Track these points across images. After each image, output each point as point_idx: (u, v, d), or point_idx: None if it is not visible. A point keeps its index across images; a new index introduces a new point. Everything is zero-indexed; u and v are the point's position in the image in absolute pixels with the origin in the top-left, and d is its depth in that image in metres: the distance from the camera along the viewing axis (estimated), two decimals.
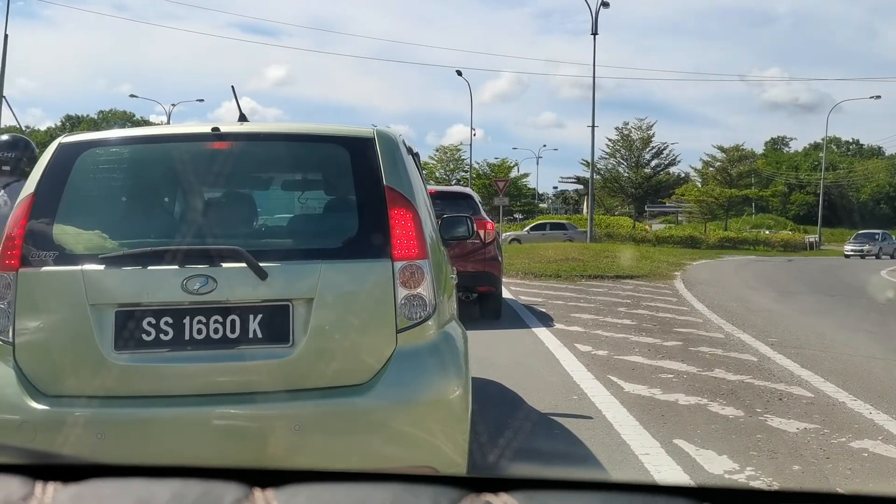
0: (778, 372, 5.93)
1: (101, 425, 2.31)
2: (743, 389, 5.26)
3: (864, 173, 72.83)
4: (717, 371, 5.89)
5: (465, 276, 7.82)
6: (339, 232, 2.65)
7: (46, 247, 2.42)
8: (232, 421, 2.37)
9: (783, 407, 4.77)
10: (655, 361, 6.28)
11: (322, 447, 2.35)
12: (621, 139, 48.94)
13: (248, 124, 2.91)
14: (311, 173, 3.25)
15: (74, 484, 0.55)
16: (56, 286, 2.42)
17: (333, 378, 2.40)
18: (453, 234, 3.48)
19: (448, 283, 3.10)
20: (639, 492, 0.54)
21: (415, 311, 2.46)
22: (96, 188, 2.75)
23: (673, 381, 5.48)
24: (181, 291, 2.36)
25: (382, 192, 2.52)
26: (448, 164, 55.31)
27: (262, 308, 2.39)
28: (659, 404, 4.80)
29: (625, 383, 5.38)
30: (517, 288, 12.92)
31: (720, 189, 48.45)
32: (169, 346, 2.36)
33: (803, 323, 9.17)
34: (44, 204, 2.47)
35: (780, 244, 40.26)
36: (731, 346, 7.21)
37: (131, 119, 72.31)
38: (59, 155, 2.58)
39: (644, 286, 13.77)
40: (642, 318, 9.23)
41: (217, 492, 0.54)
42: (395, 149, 2.67)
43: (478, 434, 3.12)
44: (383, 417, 2.38)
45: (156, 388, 2.37)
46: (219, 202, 2.97)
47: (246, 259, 2.38)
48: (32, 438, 2.28)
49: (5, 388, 2.34)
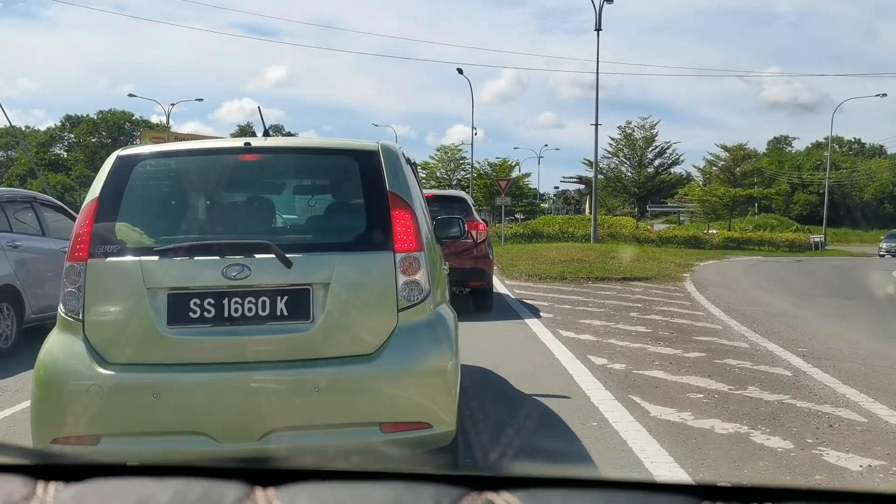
0: (818, 390, 5.28)
1: (157, 387, 2.75)
2: (785, 413, 4.62)
3: (867, 173, 72.21)
4: (750, 389, 5.25)
5: (458, 273, 8.59)
6: (349, 229, 3.08)
7: (109, 241, 2.90)
8: (262, 384, 2.79)
9: (837, 436, 4.13)
10: (680, 377, 5.64)
11: (336, 405, 2.78)
12: (624, 138, 48.25)
13: (272, 139, 3.33)
14: (325, 180, 3.73)
15: (76, 483, 0.56)
16: (118, 273, 2.87)
17: (346, 348, 2.84)
18: (447, 234, 4.02)
19: (441, 274, 3.60)
20: (639, 489, 0.53)
21: (413, 293, 2.92)
22: (149, 193, 3.21)
23: (704, 403, 4.83)
24: (222, 277, 2.83)
25: (385, 196, 2.99)
26: (449, 164, 54.58)
27: (287, 291, 2.85)
28: (693, 433, 4.15)
29: (649, 405, 4.74)
30: (521, 291, 12.29)
31: (724, 188, 47.74)
32: (211, 322, 2.82)
33: (830, 330, 8.53)
34: (106, 206, 2.97)
35: (785, 244, 39.49)
36: (759, 357, 6.57)
37: (130, 119, 71.57)
38: (118, 166, 3.07)
39: (654, 289, 13.14)
40: (657, 324, 8.58)
41: (218, 491, 0.54)
42: (396, 160, 3.16)
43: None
44: (387, 381, 2.82)
45: (201, 356, 2.81)
46: (250, 204, 3.40)
47: (274, 251, 2.85)
48: (101, 398, 2.73)
49: (77, 358, 2.81)
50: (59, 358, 2.84)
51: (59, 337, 2.91)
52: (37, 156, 62.53)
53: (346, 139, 3.38)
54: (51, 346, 2.91)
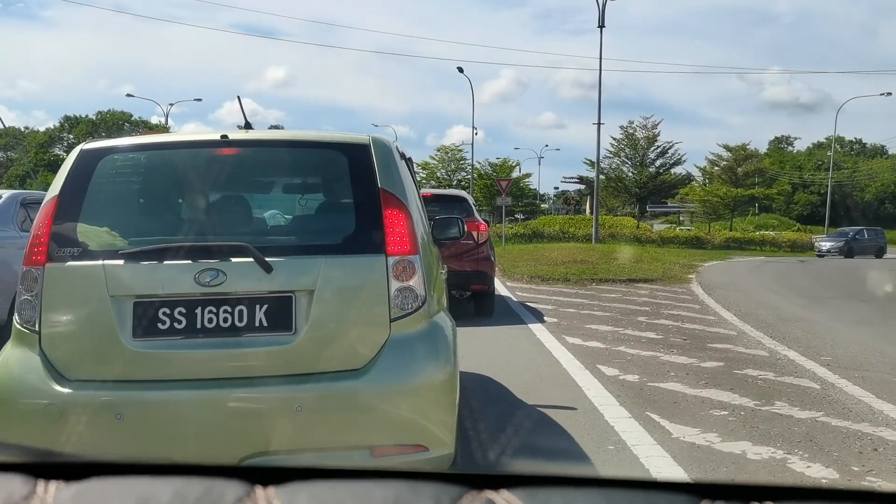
0: (852, 405, 4.83)
1: (120, 407, 2.48)
2: (820, 433, 4.17)
3: (869, 173, 71.78)
4: (778, 405, 4.79)
5: (459, 275, 8.19)
6: (337, 230, 2.81)
7: (70, 244, 2.64)
8: (240, 403, 2.52)
9: (885, 462, 3.67)
10: (699, 390, 5.18)
11: (322, 427, 2.50)
12: (626, 138, 47.73)
13: (253, 132, 3.07)
14: (311, 177, 3.45)
15: (76, 482, 0.56)
16: (79, 280, 2.61)
17: (332, 363, 2.58)
18: (446, 235, 3.77)
19: (438, 278, 3.30)
20: (639, 488, 0.53)
21: (407, 302, 2.65)
22: (115, 191, 2.92)
23: (730, 422, 4.38)
24: (194, 284, 2.56)
25: (377, 194, 2.72)
26: (449, 165, 54.03)
27: (267, 299, 2.58)
28: (722, 459, 3.69)
29: (670, 424, 4.29)
30: (524, 293, 11.84)
31: (726, 188, 47.22)
32: (182, 333, 2.55)
33: (850, 336, 8.07)
34: (67, 205, 2.70)
35: (787, 244, 39.06)
36: (782, 367, 6.11)
37: (129, 119, 71.01)
38: (81, 160, 2.80)
39: (660, 291, 12.68)
40: (667, 330, 8.13)
41: (219, 490, 0.54)
42: (388, 154, 2.87)
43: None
44: (378, 400, 2.54)
45: (170, 372, 2.54)
46: (227, 203, 3.11)
47: (252, 254, 2.59)
48: (57, 420, 2.46)
49: (32, 374, 2.55)
50: (12, 373, 2.58)
51: (13, 350, 2.65)
52: (36, 157, 62.12)
53: (335, 132, 3.06)
54: (4, 359, 2.64)
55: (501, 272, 15.08)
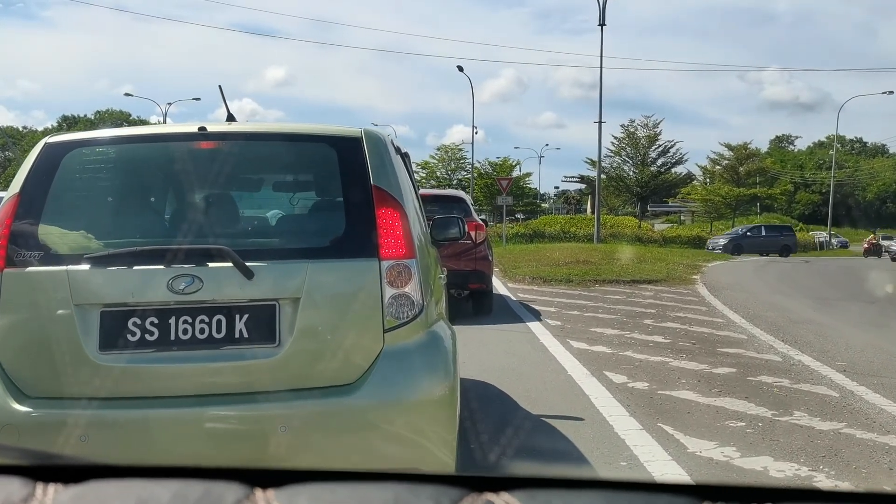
0: (875, 415, 4.59)
1: (85, 427, 2.29)
2: (845, 446, 3.92)
3: (870, 172, 71.55)
4: (797, 415, 4.55)
5: (457, 275, 8.19)
6: (326, 231, 2.64)
7: (31, 247, 2.43)
8: (218, 423, 2.32)
9: None
10: (713, 399, 4.94)
11: (309, 447, 2.32)
12: (627, 137, 47.51)
13: (235, 124, 2.88)
14: (298, 173, 3.23)
15: (75, 485, 0.56)
16: (40, 286, 2.40)
17: (320, 378, 2.38)
18: (445, 235, 3.55)
19: (437, 283, 3.08)
20: (640, 490, 0.53)
21: (402, 310, 2.45)
22: (82, 188, 2.70)
23: (748, 434, 4.13)
24: (167, 291, 2.35)
25: (370, 192, 2.51)
26: (449, 164, 53.79)
27: (248, 308, 2.38)
28: (743, 476, 3.44)
29: (684, 437, 4.04)
30: (525, 295, 11.60)
31: (727, 188, 46.99)
32: (154, 346, 2.35)
33: (863, 340, 7.83)
34: (29, 204, 2.48)
35: None
36: (797, 374, 5.87)
37: (127, 119, 70.80)
38: (45, 155, 2.58)
39: (665, 292, 12.43)
40: (675, 333, 7.88)
41: (218, 492, 0.53)
42: (382, 148, 2.67)
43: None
44: (370, 417, 2.35)
45: (141, 389, 2.35)
46: (206, 202, 2.87)
47: (232, 258, 2.38)
48: (16, 441, 2.27)
49: None
50: None
51: None
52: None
53: (325, 124, 2.81)
54: None
55: (502, 273, 14.85)
